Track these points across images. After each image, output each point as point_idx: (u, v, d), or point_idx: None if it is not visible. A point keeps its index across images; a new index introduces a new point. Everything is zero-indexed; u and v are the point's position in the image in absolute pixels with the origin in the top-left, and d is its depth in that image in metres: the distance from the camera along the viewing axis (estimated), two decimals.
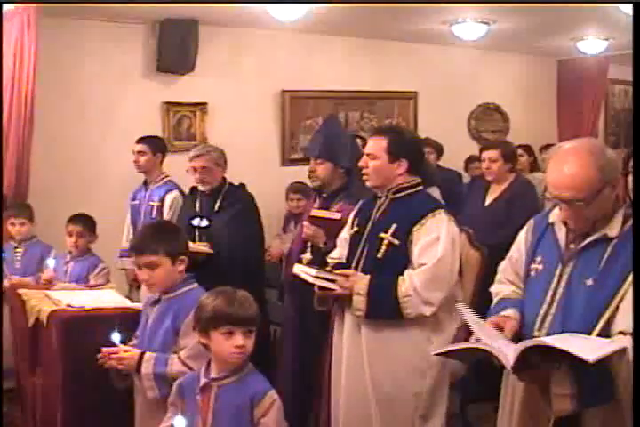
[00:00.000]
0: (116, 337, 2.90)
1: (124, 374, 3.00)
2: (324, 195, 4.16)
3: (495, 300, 2.72)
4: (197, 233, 4.55)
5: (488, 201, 5.17)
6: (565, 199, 2.35)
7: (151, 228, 3.16)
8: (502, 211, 4.96)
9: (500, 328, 2.43)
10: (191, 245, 4.26)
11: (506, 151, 5.20)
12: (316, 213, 4.00)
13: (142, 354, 2.90)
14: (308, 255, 3.95)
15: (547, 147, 7.19)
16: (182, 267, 3.01)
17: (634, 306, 2.22)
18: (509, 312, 2.55)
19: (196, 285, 3.05)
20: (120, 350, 2.92)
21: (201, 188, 4.66)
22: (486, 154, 5.20)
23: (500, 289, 2.74)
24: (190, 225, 4.57)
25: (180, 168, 5.39)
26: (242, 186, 4.76)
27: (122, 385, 3.04)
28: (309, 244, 3.98)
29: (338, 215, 3.84)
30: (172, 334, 2.92)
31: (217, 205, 4.60)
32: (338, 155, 4.09)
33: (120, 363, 2.93)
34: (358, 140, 5.73)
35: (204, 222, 4.57)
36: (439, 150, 6.78)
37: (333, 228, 3.77)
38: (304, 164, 5.77)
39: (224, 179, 4.70)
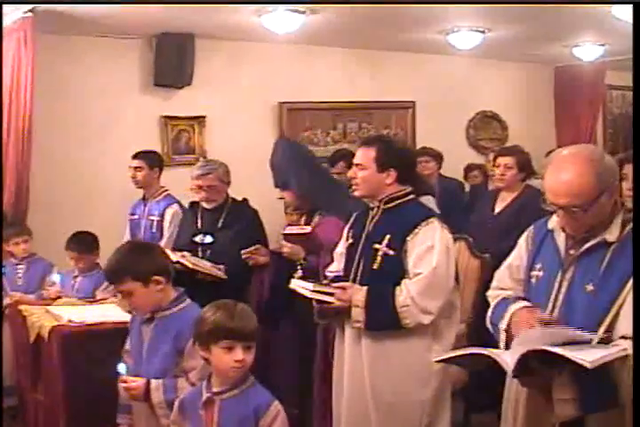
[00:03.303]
0: (122, 368, 2.82)
1: None
2: (304, 211, 4.28)
3: (494, 301, 2.68)
4: (201, 249, 4.46)
5: (498, 209, 5.05)
6: (563, 206, 2.34)
7: (116, 254, 2.96)
8: (512, 219, 4.83)
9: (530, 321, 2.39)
10: (205, 265, 4.27)
11: (521, 159, 5.05)
12: (287, 230, 4.10)
13: (148, 382, 2.80)
14: (299, 273, 3.91)
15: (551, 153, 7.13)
16: (160, 286, 2.87)
17: (634, 310, 2.21)
18: (523, 302, 2.52)
19: (189, 301, 2.97)
20: (128, 381, 2.82)
21: (206, 205, 4.57)
22: (502, 160, 5.04)
23: (498, 293, 2.71)
24: (192, 242, 4.51)
25: (179, 182, 5.39)
26: (245, 201, 4.69)
27: None
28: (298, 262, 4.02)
29: (308, 229, 3.94)
30: (174, 355, 2.84)
31: (221, 220, 4.52)
32: (291, 182, 4.18)
33: (127, 393, 2.86)
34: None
35: (208, 239, 4.48)
36: (439, 159, 6.70)
37: (309, 241, 3.84)
38: None
39: (227, 193, 4.63)
